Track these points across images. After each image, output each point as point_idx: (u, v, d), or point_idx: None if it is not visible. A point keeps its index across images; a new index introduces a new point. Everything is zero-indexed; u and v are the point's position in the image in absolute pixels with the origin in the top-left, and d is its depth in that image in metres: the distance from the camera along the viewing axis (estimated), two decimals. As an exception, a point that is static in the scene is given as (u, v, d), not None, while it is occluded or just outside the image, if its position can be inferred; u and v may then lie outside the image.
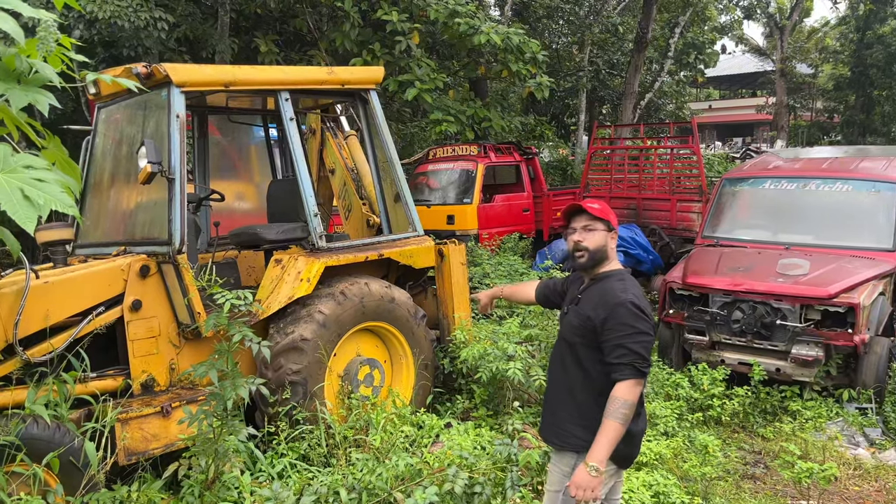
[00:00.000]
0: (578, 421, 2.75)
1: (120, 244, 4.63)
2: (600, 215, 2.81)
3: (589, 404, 2.72)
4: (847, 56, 27.93)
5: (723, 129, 42.83)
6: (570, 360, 2.80)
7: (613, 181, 11.16)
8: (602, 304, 2.69)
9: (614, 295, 2.68)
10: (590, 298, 2.78)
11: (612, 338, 2.62)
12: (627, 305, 2.64)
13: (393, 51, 10.44)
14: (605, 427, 2.58)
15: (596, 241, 2.79)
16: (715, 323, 6.14)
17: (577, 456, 2.74)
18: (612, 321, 2.63)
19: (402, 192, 5.55)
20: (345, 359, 4.97)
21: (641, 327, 2.62)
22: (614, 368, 2.61)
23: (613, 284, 2.75)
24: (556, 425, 2.84)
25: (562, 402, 2.83)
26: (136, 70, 4.41)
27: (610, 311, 2.65)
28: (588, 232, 2.80)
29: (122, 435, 3.88)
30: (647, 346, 2.63)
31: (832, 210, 6.72)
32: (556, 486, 2.84)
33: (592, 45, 19.82)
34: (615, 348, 2.61)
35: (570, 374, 2.80)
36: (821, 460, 4.72)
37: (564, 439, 2.80)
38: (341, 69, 5.43)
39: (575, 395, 2.77)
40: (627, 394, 2.58)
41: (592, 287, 2.83)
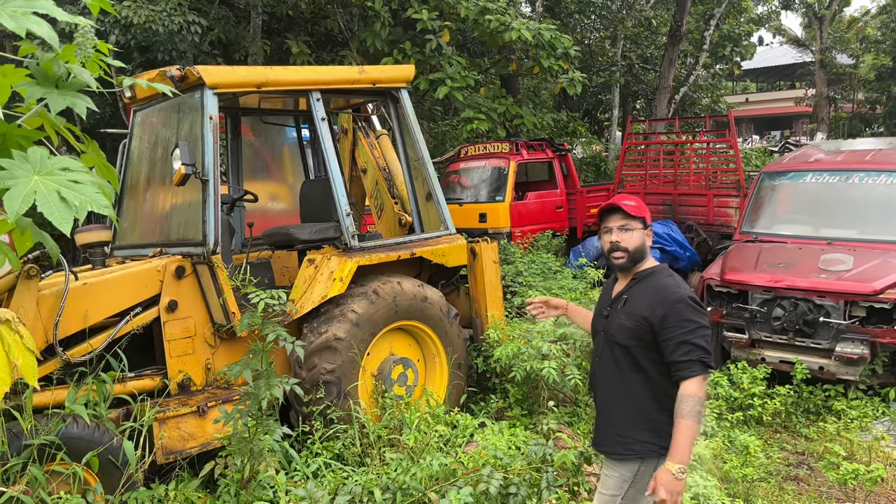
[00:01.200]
0: (643, 425, 2.66)
1: (156, 245, 4.69)
2: (637, 213, 2.72)
3: (652, 406, 2.64)
4: (889, 45, 27.14)
5: (760, 122, 42.01)
6: (627, 364, 2.69)
7: (648, 177, 11.00)
8: (659, 302, 2.60)
9: (670, 291, 2.61)
10: (640, 297, 2.68)
11: (676, 335, 2.54)
12: (687, 301, 2.57)
13: (424, 49, 10.42)
14: (682, 427, 2.49)
15: (634, 241, 2.71)
16: (755, 320, 6.00)
17: (641, 461, 2.66)
18: (673, 318, 2.55)
19: (433, 191, 5.53)
20: (378, 358, 4.97)
21: (702, 321, 2.57)
22: (681, 366, 2.53)
23: (665, 281, 2.67)
24: (617, 434, 2.72)
25: (622, 409, 2.72)
26: (170, 73, 4.46)
27: (669, 309, 2.57)
28: (625, 232, 2.71)
29: (160, 434, 3.93)
30: (708, 339, 2.58)
31: (876, 204, 6.51)
32: (612, 490, 2.73)
33: (625, 39, 19.58)
34: (680, 346, 2.53)
35: (628, 378, 2.69)
36: (867, 461, 4.58)
37: (629, 447, 2.68)
38: (372, 68, 5.42)
39: (636, 399, 2.67)
40: (699, 390, 2.51)
41: (638, 286, 2.72)
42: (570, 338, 5.57)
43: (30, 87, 2.63)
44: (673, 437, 2.51)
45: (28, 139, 2.66)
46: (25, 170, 2.19)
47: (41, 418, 3.56)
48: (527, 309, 3.27)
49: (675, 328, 2.54)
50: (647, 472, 2.66)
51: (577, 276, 7.75)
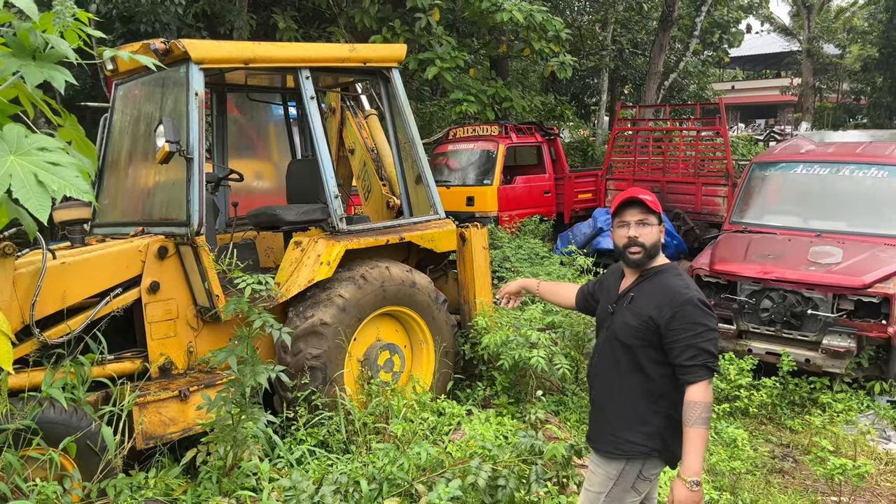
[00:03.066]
0: (636, 426, 2.58)
1: (138, 224, 4.56)
2: (655, 208, 2.63)
3: (648, 408, 2.57)
4: (875, 37, 27.20)
5: (746, 110, 42.14)
6: (628, 363, 2.61)
7: (637, 163, 10.95)
8: (667, 303, 2.51)
9: (679, 292, 2.52)
10: (648, 296, 2.59)
11: (682, 338, 2.46)
12: (695, 303, 2.48)
13: (413, 28, 10.24)
14: (692, 436, 2.42)
15: (652, 237, 2.62)
16: (743, 311, 5.98)
17: (627, 461, 2.60)
18: (681, 321, 2.47)
19: (423, 174, 5.42)
20: (364, 344, 4.89)
21: (711, 324, 2.49)
22: (687, 370, 2.45)
23: (673, 281, 2.58)
24: (610, 433, 2.65)
25: (617, 407, 2.66)
26: (154, 46, 4.31)
27: (677, 310, 2.48)
28: (644, 227, 2.61)
29: (140, 419, 3.83)
30: (717, 343, 2.50)
31: (866, 196, 6.50)
32: (597, 487, 2.68)
33: (616, 23, 19.45)
34: (686, 349, 2.45)
35: (627, 377, 2.62)
36: (852, 455, 4.59)
37: (618, 446, 2.61)
38: (363, 46, 5.28)
39: (633, 400, 2.60)
40: (705, 395, 2.44)
41: (646, 283, 2.64)
42: (558, 326, 5.52)
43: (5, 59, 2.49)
44: (684, 447, 2.45)
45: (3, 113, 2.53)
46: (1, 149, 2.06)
47: (16, 402, 3.46)
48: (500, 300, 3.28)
49: (682, 331, 2.47)
50: (631, 471, 2.61)
51: (565, 262, 7.70)
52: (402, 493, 3.44)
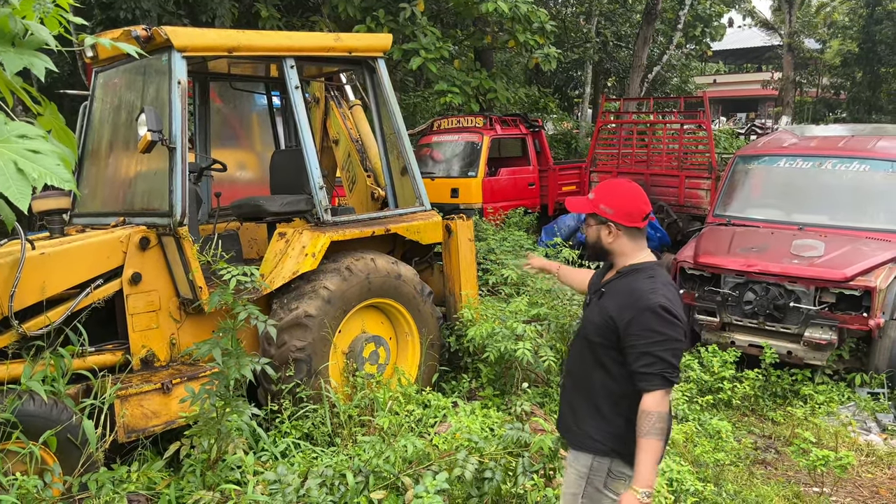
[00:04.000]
0: (598, 423, 2.53)
1: (119, 215, 4.48)
2: (582, 210, 2.63)
3: (609, 407, 2.51)
4: (856, 32, 27.47)
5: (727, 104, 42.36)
6: (590, 359, 2.56)
7: (621, 156, 10.97)
8: (628, 305, 2.42)
9: (642, 296, 2.40)
10: (615, 294, 2.52)
11: (639, 344, 2.36)
12: (656, 309, 2.35)
13: (397, 18, 10.16)
14: (644, 446, 2.34)
15: (590, 236, 2.63)
16: (726, 304, 6.02)
17: (593, 458, 2.55)
18: (639, 326, 2.36)
19: (409, 165, 5.39)
20: (349, 336, 4.86)
21: (671, 333, 2.35)
22: (641, 378, 2.36)
23: (642, 283, 2.46)
24: (575, 424, 2.62)
25: (581, 401, 2.61)
26: (136, 33, 4.23)
27: (636, 315, 2.37)
28: (586, 226, 2.66)
29: (122, 412, 3.78)
30: (677, 353, 2.37)
31: (848, 190, 6.56)
32: (572, 487, 2.62)
33: (600, 15, 19.45)
34: (642, 356, 2.35)
35: (591, 373, 2.56)
36: (834, 446, 4.64)
37: (583, 441, 2.57)
38: (349, 36, 5.22)
39: (594, 396, 2.54)
40: (660, 405, 2.34)
41: (618, 281, 2.56)
42: (544, 318, 5.52)
43: (-16, 44, 2.42)
44: (636, 458, 2.36)
45: (-19, 100, 2.46)
46: (-21, 136, 2.00)
47: (-5, 395, 3.38)
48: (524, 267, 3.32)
49: (639, 337, 2.37)
50: (600, 468, 2.55)
51: (550, 254, 7.70)
52: (389, 486, 3.42)
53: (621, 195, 2.57)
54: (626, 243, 2.56)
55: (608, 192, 2.59)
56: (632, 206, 2.55)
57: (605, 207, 2.55)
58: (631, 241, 2.56)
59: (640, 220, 2.55)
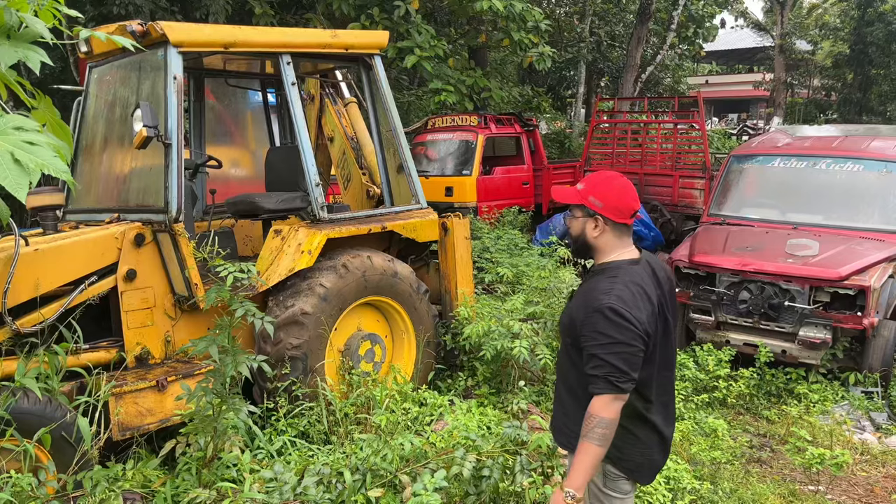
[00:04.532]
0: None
1: (113, 211, 4.45)
2: (570, 200, 2.49)
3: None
4: (847, 33, 27.61)
5: (719, 104, 42.50)
6: (568, 360, 2.52)
7: (615, 155, 10.99)
8: (583, 306, 2.37)
9: (594, 297, 2.34)
10: (579, 294, 2.50)
11: (588, 346, 2.31)
12: (604, 311, 2.27)
13: (392, 16, 10.14)
14: (581, 449, 2.29)
15: (574, 229, 2.52)
16: (721, 303, 6.03)
17: None
18: (588, 328, 2.31)
19: (405, 163, 5.37)
20: (345, 333, 4.84)
21: (619, 337, 2.25)
22: (589, 380, 2.31)
23: (600, 283, 2.38)
24: (566, 426, 2.54)
25: (569, 401, 2.55)
26: (131, 28, 4.19)
27: (587, 316, 2.33)
28: (571, 218, 2.53)
29: (116, 409, 3.75)
30: (627, 358, 2.26)
31: (842, 190, 6.58)
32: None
33: (594, 15, 19.48)
34: (589, 358, 2.31)
35: (570, 373, 2.52)
36: (828, 445, 4.65)
37: (573, 441, 2.42)
38: (345, 32, 5.20)
39: (580, 398, 2.45)
40: (603, 410, 2.26)
41: (586, 281, 2.53)
42: (540, 317, 5.52)
43: (-20, 36, 2.39)
44: (574, 456, 2.33)
45: (-23, 93, 2.44)
46: (-24, 128, 1.98)
47: (-11, 392, 3.35)
48: None
49: (587, 338, 2.32)
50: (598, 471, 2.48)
51: (545, 253, 7.70)
52: (386, 485, 3.40)
53: (612, 188, 2.46)
54: (611, 240, 2.46)
55: (599, 183, 2.48)
56: (621, 202, 2.44)
57: (595, 199, 2.44)
58: (615, 238, 2.47)
59: (628, 217, 2.46)
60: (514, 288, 6.65)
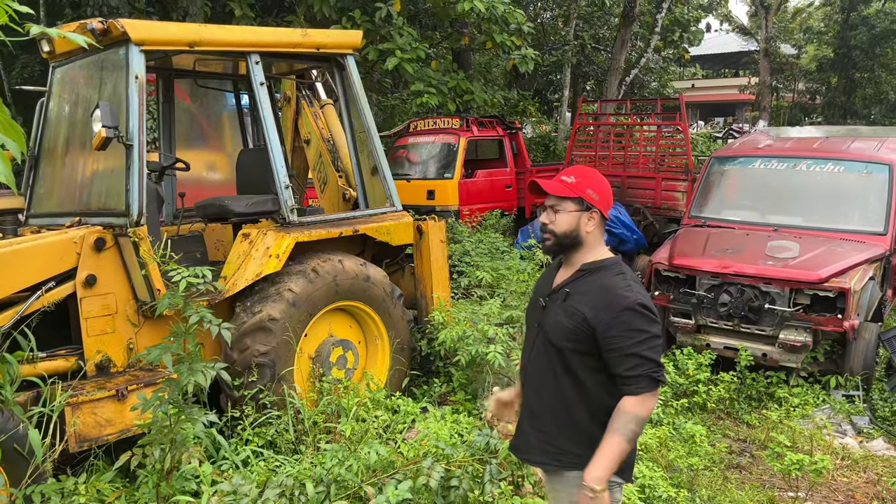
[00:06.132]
0: (576, 437, 2.31)
1: (74, 215, 4.31)
2: (565, 193, 2.34)
3: (588, 419, 2.30)
4: (831, 37, 27.79)
5: (705, 108, 42.65)
6: (561, 368, 2.33)
7: (598, 158, 10.91)
8: (605, 306, 2.23)
9: (618, 295, 2.24)
10: (584, 295, 2.30)
11: (623, 346, 2.19)
12: (636, 308, 2.20)
13: (374, 18, 10.04)
14: (610, 443, 2.17)
15: (564, 224, 2.34)
16: (701, 306, 5.95)
17: (581, 473, 2.29)
18: (620, 327, 2.20)
19: (379, 165, 5.27)
20: (316, 340, 4.72)
21: (654, 331, 2.22)
22: (628, 381, 2.19)
23: (613, 280, 2.29)
24: (548, 443, 2.37)
25: (552, 416, 2.37)
26: (91, 26, 4.08)
27: (615, 316, 2.21)
28: (554, 213, 2.35)
29: (72, 420, 3.61)
30: (659, 350, 2.23)
31: (822, 191, 6.54)
32: None
33: (578, 18, 19.46)
34: (627, 358, 2.19)
35: (561, 382, 2.33)
36: (809, 450, 4.58)
37: (560, 458, 2.33)
38: (316, 32, 5.09)
39: (569, 408, 2.32)
40: (640, 407, 2.18)
41: (583, 280, 2.34)
42: (516, 321, 5.42)
43: None
44: (598, 449, 2.20)
45: None
46: None
47: (-65, 403, 3.21)
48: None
49: (621, 338, 2.20)
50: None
51: (525, 256, 7.61)
52: (351, 496, 3.29)
53: (602, 182, 2.41)
54: (598, 236, 2.39)
55: (591, 176, 2.39)
56: (610, 196, 2.42)
57: (592, 192, 2.35)
58: (601, 235, 2.40)
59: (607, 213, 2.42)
60: (493, 292, 6.55)
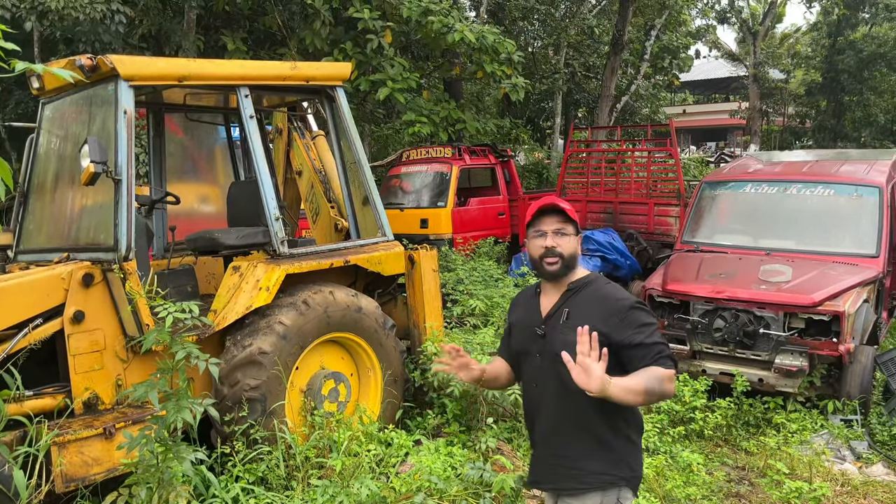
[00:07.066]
0: (597, 454, 2.37)
1: (63, 250, 4.28)
2: (573, 217, 2.51)
3: (607, 431, 2.38)
4: (819, 62, 28.15)
5: (697, 133, 43.06)
6: (577, 388, 2.30)
7: (590, 184, 10.97)
8: (612, 312, 2.38)
9: (618, 299, 2.43)
10: (585, 309, 2.42)
11: (641, 339, 2.33)
12: (637, 306, 2.42)
13: (365, 50, 10.14)
14: (633, 378, 2.25)
15: (570, 247, 2.48)
16: (696, 331, 5.93)
17: (602, 495, 2.37)
18: (633, 324, 2.36)
19: (370, 195, 5.27)
20: (308, 373, 4.67)
21: (656, 321, 2.45)
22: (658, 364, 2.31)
23: (607, 289, 2.49)
24: (568, 467, 2.41)
25: (571, 438, 2.41)
26: (80, 62, 4.10)
27: (625, 316, 2.37)
28: (561, 237, 2.47)
29: (59, 460, 3.54)
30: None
31: (814, 215, 6.56)
32: None
33: (568, 47, 19.69)
34: (648, 348, 2.32)
35: (578, 401, 2.33)
36: (808, 477, 4.52)
37: (581, 479, 2.37)
38: (306, 64, 5.12)
39: (588, 425, 2.39)
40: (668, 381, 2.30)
41: (577, 297, 2.47)
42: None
43: None
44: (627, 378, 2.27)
45: None
46: None
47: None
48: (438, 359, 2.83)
49: (637, 333, 2.34)
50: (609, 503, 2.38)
51: (519, 284, 7.59)
52: (343, 533, 3.23)
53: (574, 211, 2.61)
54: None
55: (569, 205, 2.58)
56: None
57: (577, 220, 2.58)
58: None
59: None
60: (487, 320, 6.51)
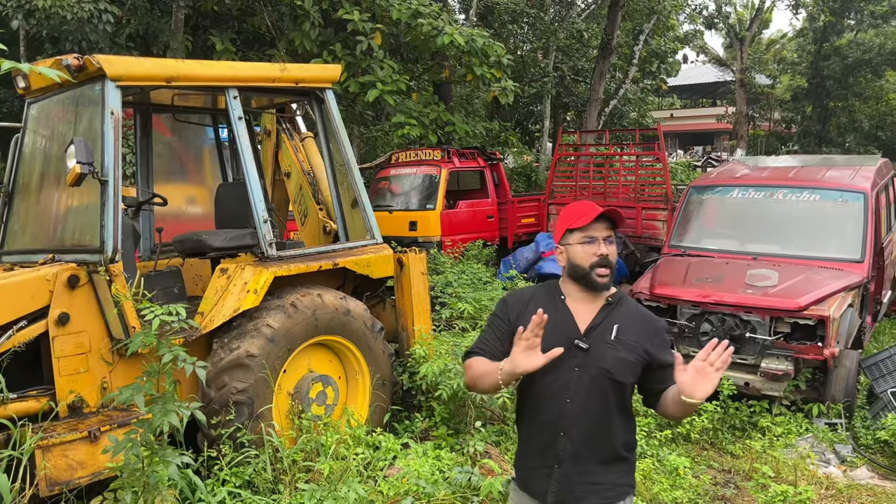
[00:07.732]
0: (615, 466, 2.33)
1: (48, 252, 4.24)
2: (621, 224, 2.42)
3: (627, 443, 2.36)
4: (804, 67, 28.41)
5: (684, 137, 43.30)
6: (617, 402, 2.31)
7: (578, 188, 11.01)
8: (653, 332, 2.35)
9: (654, 319, 2.42)
10: (633, 326, 2.33)
11: (670, 360, 2.25)
12: (664, 327, 2.47)
13: (354, 52, 10.12)
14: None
15: (615, 257, 2.34)
16: (683, 335, 5.96)
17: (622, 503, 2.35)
18: (666, 346, 2.37)
19: (359, 197, 5.26)
20: (295, 376, 4.65)
21: None
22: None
23: (639, 308, 2.44)
24: (590, 482, 2.30)
25: (598, 454, 2.32)
26: (67, 62, 4.07)
27: (662, 338, 2.38)
28: (610, 245, 2.31)
29: (43, 463, 3.50)
30: None
31: (800, 220, 6.61)
32: None
33: (557, 50, 19.75)
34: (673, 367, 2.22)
35: (613, 418, 2.31)
36: (793, 480, 4.55)
37: (603, 495, 2.30)
38: (295, 66, 5.10)
39: (613, 441, 2.32)
40: None
41: (618, 312, 2.35)
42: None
43: None
44: (682, 402, 2.18)
45: None
46: None
47: None
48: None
49: (669, 355, 2.31)
50: None
51: (508, 287, 7.60)
52: (330, 538, 3.21)
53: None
54: None
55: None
56: None
57: None
58: None
59: None
60: (475, 324, 6.51)
